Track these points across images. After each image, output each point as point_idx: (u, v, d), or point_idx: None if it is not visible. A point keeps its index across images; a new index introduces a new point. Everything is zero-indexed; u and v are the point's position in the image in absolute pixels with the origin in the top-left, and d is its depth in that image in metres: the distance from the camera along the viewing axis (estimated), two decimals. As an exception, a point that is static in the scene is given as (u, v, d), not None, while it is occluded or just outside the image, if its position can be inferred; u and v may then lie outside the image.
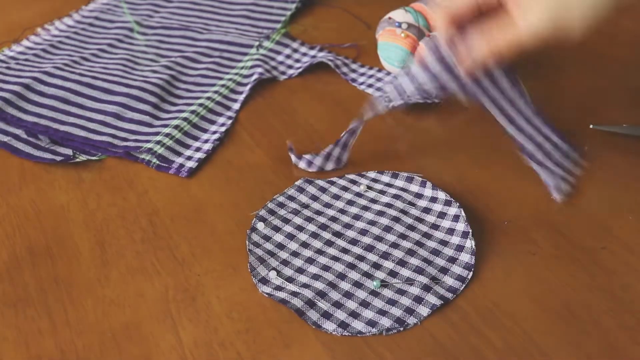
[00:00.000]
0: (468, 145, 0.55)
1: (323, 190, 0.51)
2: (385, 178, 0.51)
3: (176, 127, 0.57)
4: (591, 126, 0.55)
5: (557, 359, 0.38)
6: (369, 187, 0.50)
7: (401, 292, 0.42)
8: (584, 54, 0.67)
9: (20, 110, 0.59)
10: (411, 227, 0.47)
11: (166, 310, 0.43)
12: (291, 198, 0.50)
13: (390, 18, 0.64)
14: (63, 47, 0.70)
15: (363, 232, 0.47)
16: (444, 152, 0.55)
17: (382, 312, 0.41)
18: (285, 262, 0.45)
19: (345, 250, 0.45)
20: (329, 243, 0.46)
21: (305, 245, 0.46)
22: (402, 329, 0.40)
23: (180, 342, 0.41)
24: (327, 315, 0.41)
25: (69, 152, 0.56)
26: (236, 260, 0.46)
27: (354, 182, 0.51)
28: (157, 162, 0.54)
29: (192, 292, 0.44)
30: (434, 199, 0.49)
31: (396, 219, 0.47)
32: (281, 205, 0.49)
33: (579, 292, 0.42)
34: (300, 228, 0.48)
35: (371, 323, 0.41)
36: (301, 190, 0.51)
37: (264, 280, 0.44)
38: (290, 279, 0.44)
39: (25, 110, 0.59)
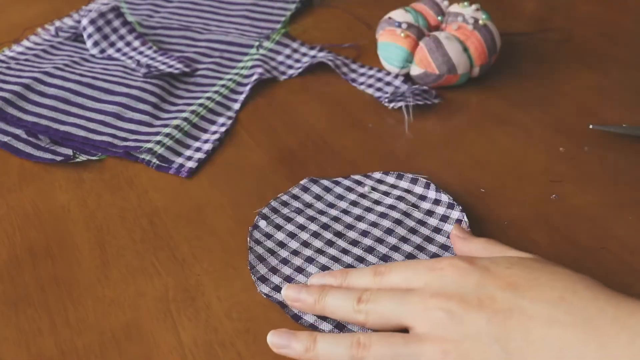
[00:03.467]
0: (468, 145, 0.55)
1: (327, 190, 0.51)
2: (391, 179, 0.51)
3: (176, 127, 0.57)
4: (591, 126, 0.55)
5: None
6: (373, 189, 0.50)
7: None
8: (583, 54, 0.67)
9: (20, 110, 0.59)
10: (413, 231, 0.46)
11: (166, 310, 0.43)
12: (295, 197, 0.50)
13: (390, 18, 0.64)
14: (63, 47, 0.70)
15: (364, 233, 0.46)
16: (444, 152, 0.55)
17: None
18: (284, 261, 0.45)
19: (345, 251, 0.45)
20: (330, 243, 0.46)
21: (305, 244, 0.46)
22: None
23: (180, 342, 0.41)
24: (323, 317, 0.41)
25: (69, 152, 0.56)
26: (236, 260, 0.46)
27: (358, 182, 0.51)
28: (157, 162, 0.54)
29: (192, 292, 0.44)
30: (437, 202, 0.48)
31: (398, 222, 0.47)
32: (285, 203, 0.49)
33: (579, 292, 0.42)
34: (302, 227, 0.47)
35: None
36: (305, 189, 0.51)
37: (263, 279, 0.44)
38: (288, 278, 0.44)
39: (25, 110, 0.59)
